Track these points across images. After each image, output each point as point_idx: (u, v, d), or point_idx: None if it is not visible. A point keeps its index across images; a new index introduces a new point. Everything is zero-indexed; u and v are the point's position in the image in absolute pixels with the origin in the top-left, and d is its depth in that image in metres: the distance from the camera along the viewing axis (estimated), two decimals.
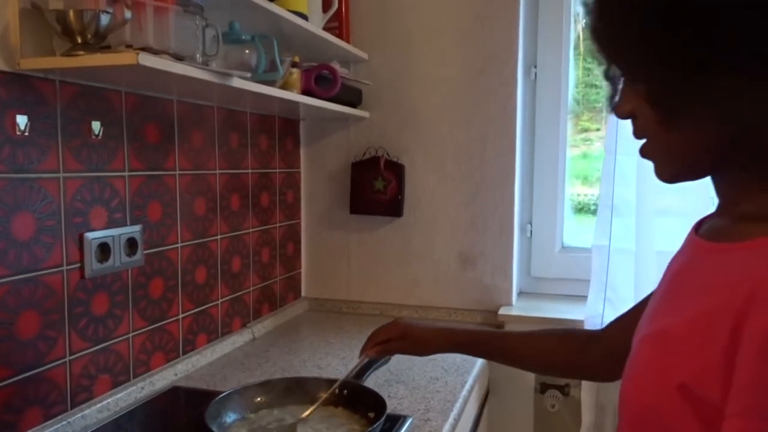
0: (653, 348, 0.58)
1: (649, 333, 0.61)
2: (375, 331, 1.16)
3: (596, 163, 2.04)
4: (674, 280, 0.65)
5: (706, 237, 0.63)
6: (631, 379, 0.60)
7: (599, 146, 2.04)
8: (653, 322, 0.63)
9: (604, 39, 0.60)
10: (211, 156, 1.52)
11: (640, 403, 0.58)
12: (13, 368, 1.01)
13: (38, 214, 1.04)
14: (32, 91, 1.02)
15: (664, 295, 0.65)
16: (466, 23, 1.83)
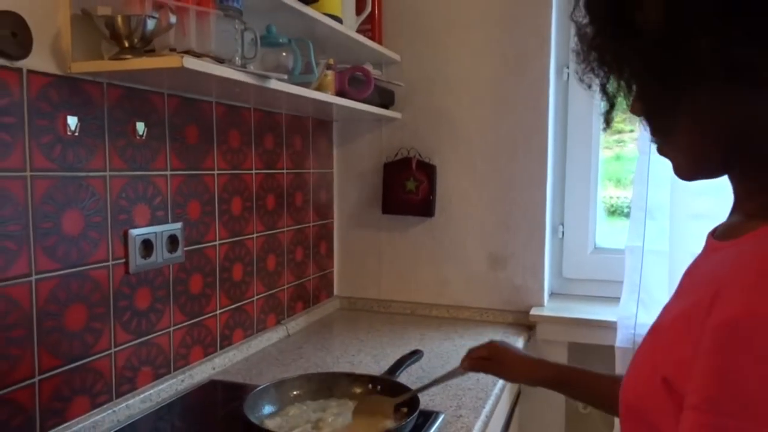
0: (647, 343, 0.60)
1: (650, 330, 0.62)
2: (473, 347, 1.14)
3: (630, 166, 2.02)
4: (683, 280, 0.66)
5: (717, 236, 0.64)
6: (625, 379, 0.60)
7: (633, 148, 2.03)
8: (655, 321, 0.63)
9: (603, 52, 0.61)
10: (247, 156, 1.56)
11: (630, 397, 0.58)
12: (62, 358, 1.06)
13: (86, 211, 1.09)
14: (81, 93, 1.07)
15: (673, 295, 0.66)
16: (497, 23, 1.84)
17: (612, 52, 0.59)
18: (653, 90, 0.57)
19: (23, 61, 0.96)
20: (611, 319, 1.68)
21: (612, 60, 0.59)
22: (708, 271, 0.57)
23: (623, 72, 0.59)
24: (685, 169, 0.62)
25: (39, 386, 1.01)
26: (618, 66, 0.59)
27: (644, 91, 0.59)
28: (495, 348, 1.10)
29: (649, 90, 0.58)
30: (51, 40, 1.01)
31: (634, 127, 2.06)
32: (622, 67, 0.59)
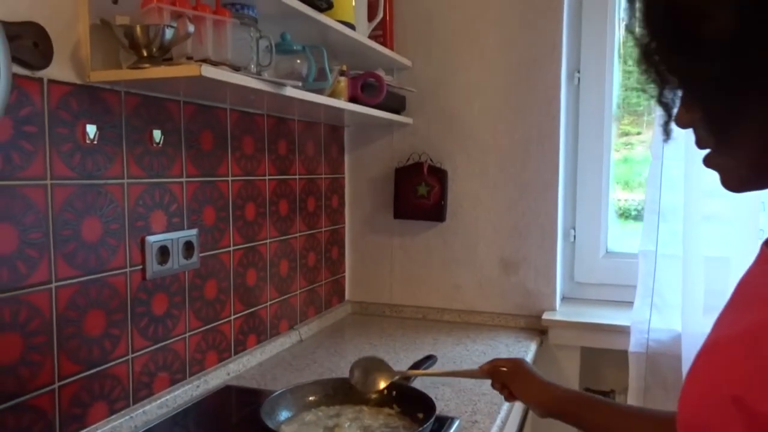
0: (705, 360, 0.58)
1: (708, 343, 0.60)
2: (497, 358, 1.11)
3: (637, 168, 2.02)
4: (738, 291, 0.64)
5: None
6: (684, 393, 0.59)
7: (641, 150, 2.03)
8: (711, 333, 0.62)
9: (660, 61, 0.61)
10: (261, 162, 1.57)
11: (690, 415, 0.57)
12: (81, 364, 1.06)
13: (104, 218, 1.10)
14: (100, 101, 1.08)
15: (727, 307, 0.65)
16: (508, 29, 1.84)
17: (676, 65, 0.58)
18: (719, 101, 0.56)
19: (44, 71, 0.98)
20: (624, 323, 1.68)
21: (676, 72, 0.58)
22: None
23: (687, 84, 0.58)
24: (737, 180, 0.61)
25: (59, 392, 1.02)
26: (682, 78, 0.58)
27: (708, 103, 0.57)
28: (516, 361, 1.06)
29: (714, 102, 0.57)
30: (71, 50, 1.02)
31: (642, 129, 2.06)
32: (687, 79, 0.58)
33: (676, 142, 1.60)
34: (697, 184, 1.57)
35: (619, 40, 1.94)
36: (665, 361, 1.62)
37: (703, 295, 1.57)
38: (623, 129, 2.01)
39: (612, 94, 1.92)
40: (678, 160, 1.59)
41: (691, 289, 1.57)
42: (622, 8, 0.63)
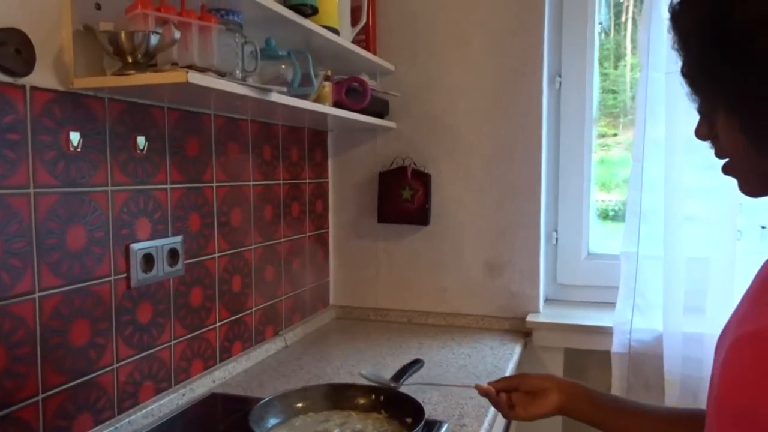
0: (749, 349, 0.60)
1: (743, 335, 0.62)
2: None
3: (614, 169, 2.05)
4: (762, 286, 0.66)
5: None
6: (728, 380, 0.61)
7: (617, 152, 2.05)
8: (742, 326, 0.64)
9: (693, 75, 0.64)
10: (245, 168, 1.56)
11: (743, 402, 0.58)
12: (66, 375, 1.05)
13: (89, 226, 1.09)
14: (83, 108, 1.07)
15: (753, 300, 0.67)
16: (491, 34, 1.86)
17: (724, 79, 0.61)
18: (758, 112, 0.59)
19: (27, 78, 0.96)
20: (607, 324, 1.70)
21: (720, 86, 0.62)
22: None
23: (731, 98, 0.61)
24: (755, 187, 0.66)
25: (43, 404, 1.01)
26: (726, 92, 0.61)
27: (747, 116, 0.61)
28: (520, 374, 1.05)
29: (754, 116, 0.60)
30: (53, 57, 1.01)
31: (618, 131, 2.09)
32: (730, 93, 0.61)
33: (657, 145, 1.63)
34: (677, 186, 1.60)
35: (598, 44, 1.97)
36: (647, 360, 1.65)
37: (684, 296, 1.60)
38: (600, 131, 2.04)
39: (592, 98, 1.95)
40: (658, 163, 1.62)
41: (672, 289, 1.60)
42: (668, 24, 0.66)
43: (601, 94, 2.01)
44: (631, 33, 2.03)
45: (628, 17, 2.05)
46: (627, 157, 2.01)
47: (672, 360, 1.60)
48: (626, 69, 2.06)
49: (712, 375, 0.71)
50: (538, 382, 1.01)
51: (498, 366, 1.55)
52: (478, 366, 1.55)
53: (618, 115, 2.05)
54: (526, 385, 1.01)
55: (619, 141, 2.06)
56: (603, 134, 2.05)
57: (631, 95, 2.03)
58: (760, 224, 1.55)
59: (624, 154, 2.03)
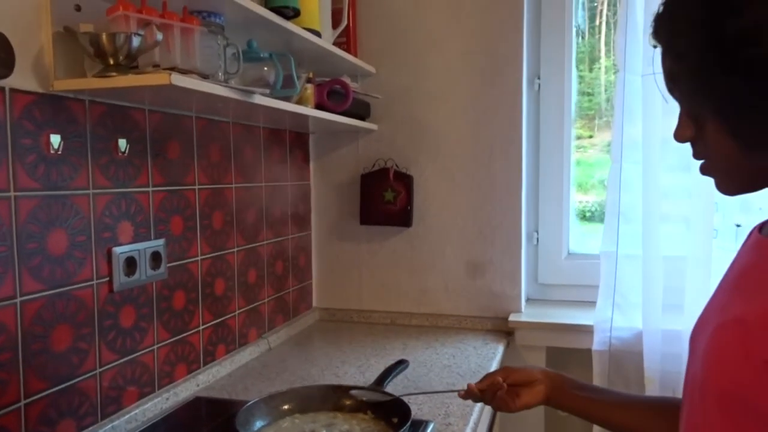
0: (732, 335, 0.63)
1: (724, 322, 0.65)
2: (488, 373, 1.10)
3: (590, 171, 2.08)
4: (742, 277, 0.69)
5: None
6: (711, 364, 0.64)
7: (593, 153, 2.08)
8: (725, 313, 0.67)
9: (683, 81, 0.66)
10: (227, 170, 1.55)
11: (725, 384, 0.62)
12: (48, 380, 1.04)
13: (70, 230, 1.07)
14: (64, 111, 1.06)
15: (731, 290, 0.70)
16: (471, 37, 1.87)
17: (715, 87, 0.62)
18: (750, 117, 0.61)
19: (6, 80, 0.95)
20: (588, 323, 1.72)
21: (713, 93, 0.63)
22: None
23: (723, 105, 0.63)
24: (732, 186, 0.69)
25: (25, 410, 0.99)
26: (718, 99, 0.63)
27: (741, 122, 0.63)
28: (504, 368, 1.07)
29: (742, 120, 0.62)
30: (33, 59, 0.99)
31: (593, 132, 2.12)
32: (723, 100, 0.63)
33: (634, 146, 1.66)
34: (654, 186, 1.63)
35: (576, 46, 1.99)
36: (627, 357, 1.67)
37: (662, 293, 1.63)
38: (576, 132, 2.07)
39: (571, 99, 1.98)
40: (636, 163, 1.65)
41: (650, 287, 1.63)
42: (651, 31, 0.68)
43: (577, 97, 2.04)
44: (605, 36, 2.06)
45: (602, 21, 2.08)
46: (603, 158, 2.05)
47: (651, 356, 1.62)
48: (600, 72, 2.09)
49: (688, 364, 0.74)
50: (524, 375, 1.03)
51: (482, 365, 1.56)
52: (462, 366, 1.56)
53: (593, 117, 2.08)
54: (513, 378, 1.03)
55: (594, 143, 2.09)
56: (579, 136, 2.08)
57: (606, 97, 2.06)
58: (735, 222, 1.59)
59: (599, 155, 2.06)
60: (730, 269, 0.75)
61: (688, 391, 0.72)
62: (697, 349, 0.71)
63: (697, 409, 0.68)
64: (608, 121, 2.07)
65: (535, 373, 1.03)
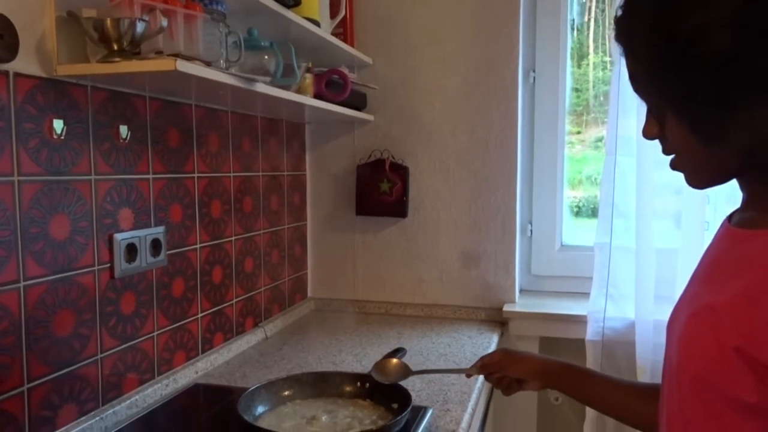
0: (704, 322, 0.66)
1: (697, 311, 0.68)
2: (482, 356, 1.14)
3: (578, 166, 2.09)
4: (713, 266, 0.72)
5: (739, 227, 0.70)
6: (685, 351, 0.67)
7: (580, 149, 2.09)
8: (697, 302, 0.70)
9: (643, 80, 0.69)
10: (226, 159, 1.55)
11: (699, 369, 0.65)
12: (51, 366, 1.04)
13: (73, 216, 1.07)
14: (66, 96, 1.05)
15: (703, 280, 0.72)
16: (468, 29, 1.88)
17: (671, 83, 0.65)
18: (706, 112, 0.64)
19: (10, 64, 0.95)
20: (581, 313, 1.75)
21: (668, 90, 0.66)
22: (756, 253, 0.64)
23: (679, 101, 0.66)
24: (700, 179, 0.72)
25: (28, 395, 1.00)
26: (673, 95, 0.66)
27: (698, 117, 0.65)
28: (500, 351, 1.12)
29: (701, 114, 0.65)
30: (36, 43, 0.99)
31: (581, 128, 2.14)
32: (678, 96, 0.66)
33: (628, 140, 1.68)
34: (647, 180, 1.65)
35: (571, 41, 2.01)
36: (620, 347, 1.70)
37: (654, 285, 1.66)
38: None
39: (565, 93, 1.99)
40: (630, 157, 1.67)
41: (643, 279, 1.66)
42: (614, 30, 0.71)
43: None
44: (594, 32, 2.07)
45: (591, 17, 2.09)
46: (590, 154, 2.07)
47: (643, 347, 1.65)
48: (589, 68, 2.10)
49: (666, 351, 0.76)
50: (518, 372, 1.07)
51: (477, 354, 1.58)
52: (458, 354, 1.58)
53: (581, 113, 2.09)
54: (509, 374, 1.08)
55: (582, 138, 2.10)
56: (567, 132, 2.09)
57: (594, 94, 2.08)
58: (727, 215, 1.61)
59: (587, 151, 2.08)
60: (703, 259, 0.77)
61: (666, 377, 0.76)
62: (673, 336, 0.74)
63: (674, 394, 0.71)
64: (596, 118, 2.09)
65: (527, 370, 1.07)
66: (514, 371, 1.08)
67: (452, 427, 1.16)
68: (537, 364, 1.08)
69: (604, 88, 2.05)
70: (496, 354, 1.11)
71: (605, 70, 2.04)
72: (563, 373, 1.05)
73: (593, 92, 2.08)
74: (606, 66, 2.03)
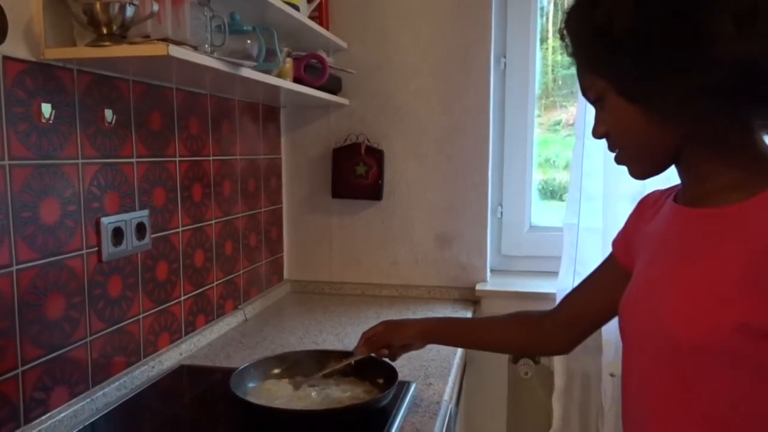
0: (685, 299, 0.74)
1: (683, 288, 0.75)
2: (365, 331, 1.22)
3: (542, 151, 2.14)
4: (681, 244, 0.79)
5: (695, 207, 0.77)
6: (686, 323, 0.73)
7: (539, 133, 2.14)
8: (677, 279, 0.77)
9: (585, 66, 0.80)
10: (205, 143, 1.56)
11: (695, 339, 0.72)
12: (43, 348, 1.05)
13: (62, 200, 1.08)
14: (54, 80, 1.05)
15: (676, 257, 0.80)
16: (441, 15, 1.92)
17: (599, 62, 0.77)
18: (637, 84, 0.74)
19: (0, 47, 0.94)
20: (551, 291, 1.83)
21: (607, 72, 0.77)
22: (734, 231, 0.72)
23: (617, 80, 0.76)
24: (641, 170, 0.83)
25: (22, 377, 1.00)
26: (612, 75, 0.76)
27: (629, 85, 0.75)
28: (381, 323, 1.22)
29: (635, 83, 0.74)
30: (24, 26, 0.99)
31: (540, 112, 2.20)
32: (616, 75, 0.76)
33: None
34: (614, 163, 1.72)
35: (541, 27, 2.07)
36: None
37: None
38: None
39: (535, 79, 2.05)
40: (598, 141, 1.74)
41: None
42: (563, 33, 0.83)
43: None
44: (553, 16, 2.12)
45: (550, 1, 2.13)
46: (549, 137, 2.14)
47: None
48: (548, 52, 2.15)
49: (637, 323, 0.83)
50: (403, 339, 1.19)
51: None
52: None
53: (540, 97, 2.14)
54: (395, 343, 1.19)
55: (541, 122, 2.15)
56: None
57: (553, 77, 2.14)
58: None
59: (546, 134, 2.14)
60: (658, 237, 0.85)
61: (640, 349, 0.82)
62: (649, 311, 0.80)
63: (648, 361, 0.79)
64: (555, 101, 2.15)
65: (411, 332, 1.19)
66: (399, 339, 1.19)
67: (436, 399, 1.21)
68: (417, 327, 1.19)
69: (562, 72, 2.11)
70: (379, 327, 1.20)
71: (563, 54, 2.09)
72: (441, 328, 1.20)
73: (552, 76, 2.14)
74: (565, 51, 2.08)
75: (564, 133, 2.15)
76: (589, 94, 0.82)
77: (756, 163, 0.75)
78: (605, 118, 0.81)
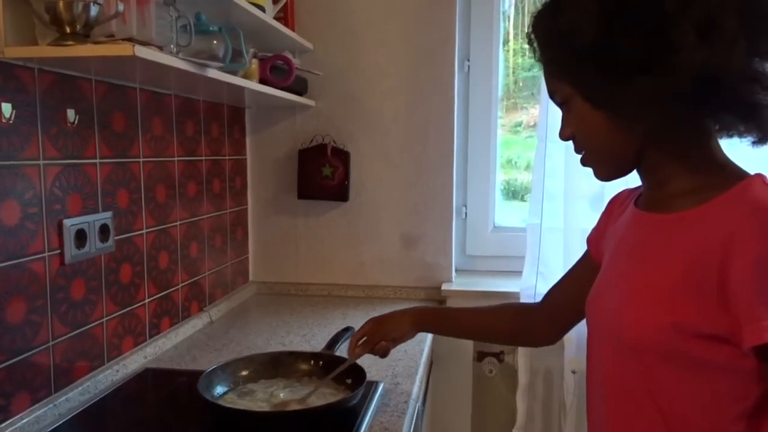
0: (638, 299, 0.78)
1: (636, 289, 0.79)
2: (353, 336, 1.23)
3: (504, 152, 2.18)
4: (637, 249, 0.83)
5: (652, 211, 0.81)
6: (635, 323, 0.77)
7: (500, 134, 2.18)
8: (632, 281, 0.81)
9: (552, 70, 0.83)
10: (170, 143, 1.54)
11: (641, 338, 0.76)
12: (3, 354, 1.02)
13: (22, 201, 1.05)
14: (14, 79, 1.03)
15: (630, 261, 0.83)
16: (407, 18, 1.94)
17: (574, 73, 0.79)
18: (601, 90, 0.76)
19: None
20: (514, 290, 1.86)
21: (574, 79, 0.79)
22: (685, 235, 0.75)
23: (583, 85, 0.78)
24: (605, 172, 0.86)
25: None
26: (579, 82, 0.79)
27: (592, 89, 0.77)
28: (368, 321, 1.22)
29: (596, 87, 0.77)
30: None
31: (501, 113, 2.23)
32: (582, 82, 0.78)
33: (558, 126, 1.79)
34: (575, 164, 1.77)
35: (503, 30, 2.11)
36: None
37: None
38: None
39: (498, 82, 2.09)
40: (560, 143, 1.78)
41: (571, 257, 1.78)
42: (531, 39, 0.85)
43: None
44: (514, 19, 2.16)
45: (511, 4, 2.17)
46: (510, 138, 2.18)
47: None
48: (509, 54, 2.19)
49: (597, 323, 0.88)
50: (395, 333, 1.20)
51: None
52: None
53: (501, 99, 2.18)
54: (388, 339, 1.19)
55: (503, 123, 2.19)
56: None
57: (514, 79, 2.18)
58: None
59: (506, 135, 2.18)
60: (617, 240, 0.89)
61: (598, 340, 0.87)
62: (607, 309, 0.84)
63: (608, 357, 0.83)
64: (515, 103, 2.20)
65: (403, 324, 1.20)
66: (394, 332, 1.19)
67: (404, 399, 1.23)
68: (408, 317, 1.20)
69: (523, 74, 2.15)
70: (369, 326, 1.20)
71: (524, 57, 2.14)
72: (433, 318, 1.23)
73: (513, 78, 2.18)
74: (525, 53, 2.12)
75: (525, 134, 2.19)
76: (556, 98, 0.84)
77: (713, 168, 0.78)
78: (571, 121, 0.83)
